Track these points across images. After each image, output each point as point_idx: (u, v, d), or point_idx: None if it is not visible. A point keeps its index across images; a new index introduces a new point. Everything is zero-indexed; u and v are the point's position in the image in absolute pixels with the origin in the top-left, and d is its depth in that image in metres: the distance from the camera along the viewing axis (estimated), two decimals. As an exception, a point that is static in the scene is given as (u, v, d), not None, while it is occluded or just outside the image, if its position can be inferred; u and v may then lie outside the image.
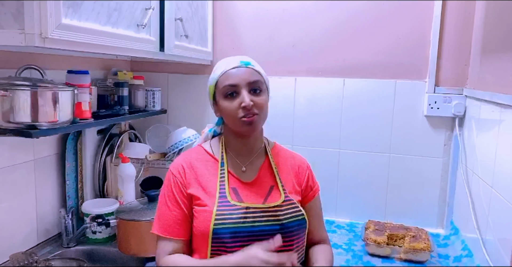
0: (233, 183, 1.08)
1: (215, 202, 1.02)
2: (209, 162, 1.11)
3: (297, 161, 1.19)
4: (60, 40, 0.98)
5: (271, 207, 1.04)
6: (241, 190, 1.07)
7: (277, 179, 1.11)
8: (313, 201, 1.17)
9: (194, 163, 1.10)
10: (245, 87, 1.04)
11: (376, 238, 1.57)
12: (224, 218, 1.00)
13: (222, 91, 1.06)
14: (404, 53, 1.79)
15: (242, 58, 1.10)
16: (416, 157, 1.81)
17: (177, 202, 1.06)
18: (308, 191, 1.16)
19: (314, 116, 1.91)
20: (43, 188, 1.57)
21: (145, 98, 1.88)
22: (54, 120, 1.20)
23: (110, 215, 1.59)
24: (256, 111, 1.03)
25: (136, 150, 1.85)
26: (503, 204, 1.24)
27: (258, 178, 1.11)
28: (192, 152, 1.16)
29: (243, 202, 1.04)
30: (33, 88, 1.16)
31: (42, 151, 1.55)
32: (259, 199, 1.06)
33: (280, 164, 1.15)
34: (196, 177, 1.08)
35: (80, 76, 1.42)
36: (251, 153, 1.13)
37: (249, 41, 1.96)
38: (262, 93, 1.07)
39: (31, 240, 1.53)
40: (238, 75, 1.05)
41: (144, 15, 1.37)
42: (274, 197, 1.08)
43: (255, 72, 1.07)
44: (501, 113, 1.31)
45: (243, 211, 1.02)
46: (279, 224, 1.03)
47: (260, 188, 1.09)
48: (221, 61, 1.11)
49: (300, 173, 1.17)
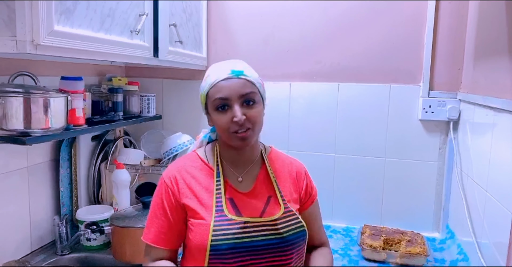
0: (229, 193, 1.04)
1: (212, 216, 0.99)
2: (203, 170, 1.07)
3: (295, 166, 1.15)
4: (52, 47, 0.97)
5: (271, 220, 1.01)
6: (238, 201, 1.03)
7: (275, 188, 1.07)
8: (311, 207, 1.15)
9: (188, 171, 1.06)
10: (237, 101, 0.98)
11: (372, 243, 1.57)
12: (222, 233, 0.97)
13: (213, 104, 1.01)
14: (398, 57, 1.80)
15: (234, 66, 1.03)
16: (411, 161, 1.81)
17: (165, 211, 1.03)
18: (307, 197, 1.13)
19: (309, 121, 1.91)
20: (37, 195, 1.56)
21: (140, 104, 1.87)
22: (47, 127, 1.20)
23: (104, 222, 1.57)
24: (249, 125, 0.99)
25: (130, 156, 1.85)
26: (497, 207, 1.24)
27: (255, 187, 1.07)
28: (186, 159, 1.11)
29: (241, 215, 1.00)
30: (26, 95, 1.15)
31: (36, 157, 1.54)
32: (257, 210, 1.03)
33: (278, 172, 1.11)
34: (190, 187, 1.04)
35: (73, 83, 1.42)
36: (247, 163, 1.09)
37: (244, 46, 1.96)
38: (255, 105, 1.01)
39: (24, 247, 1.51)
40: (229, 87, 0.99)
41: (138, 21, 1.37)
42: (273, 208, 1.04)
43: (247, 83, 1.01)
44: (495, 117, 1.32)
45: (241, 225, 0.98)
46: (280, 238, 0.99)
47: (258, 198, 1.05)
48: (212, 69, 1.06)
49: (298, 179, 1.13)
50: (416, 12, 1.75)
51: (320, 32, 1.87)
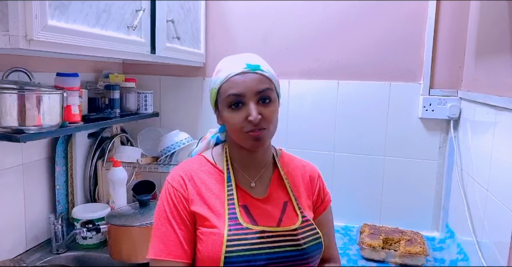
0: (243, 199, 0.96)
1: (225, 224, 0.90)
2: (213, 174, 0.98)
3: (308, 170, 1.07)
4: (46, 42, 0.95)
5: (289, 230, 0.93)
6: (252, 208, 0.95)
7: (290, 194, 1.00)
8: (324, 215, 1.06)
9: (196, 175, 0.97)
10: (252, 98, 0.90)
11: (371, 242, 1.55)
12: (237, 244, 0.88)
13: (226, 100, 0.92)
14: (398, 55, 1.78)
15: (249, 59, 0.95)
16: (411, 159, 1.80)
17: (183, 219, 0.92)
18: (318, 203, 1.06)
19: (308, 119, 1.89)
20: (32, 193, 1.53)
21: (137, 101, 1.85)
22: (42, 124, 1.18)
23: (101, 220, 1.55)
24: (264, 125, 0.92)
25: (127, 153, 1.83)
26: (498, 207, 1.23)
27: (270, 193, 0.99)
28: (193, 162, 1.01)
29: (257, 224, 0.92)
30: (20, 92, 1.13)
31: (31, 155, 1.52)
32: (274, 219, 0.95)
33: (291, 176, 1.04)
34: (200, 192, 0.94)
35: (69, 79, 1.39)
36: (259, 166, 1.01)
37: (242, 43, 1.94)
38: (271, 103, 0.94)
39: (19, 246, 1.49)
40: (245, 83, 0.91)
41: (135, 16, 1.34)
42: (290, 216, 0.96)
43: (264, 78, 0.93)
44: (496, 115, 1.30)
45: (258, 235, 0.90)
46: (300, 250, 0.92)
47: (273, 205, 0.97)
48: (224, 62, 0.98)
49: (312, 184, 1.06)
50: (417, 9, 1.73)
51: (320, 29, 1.85)
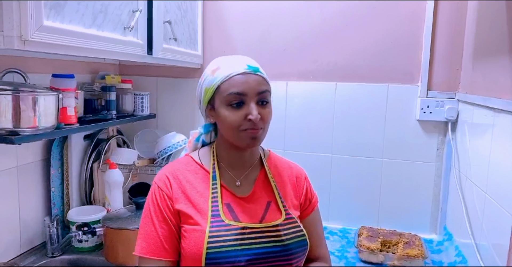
0: (226, 198, 0.98)
1: (208, 221, 0.92)
2: (198, 174, 1.01)
3: (295, 171, 1.10)
4: (42, 42, 0.94)
5: (271, 226, 0.95)
6: (235, 206, 0.97)
7: (275, 193, 1.02)
8: (312, 215, 1.08)
9: (182, 174, 1.00)
10: (253, 98, 0.94)
11: (370, 245, 1.55)
12: (219, 240, 0.90)
13: (226, 99, 0.94)
14: (396, 57, 1.78)
15: (249, 61, 0.98)
16: (409, 161, 1.79)
17: (164, 218, 0.95)
18: (306, 204, 1.08)
19: (306, 121, 1.89)
20: (27, 196, 1.52)
21: (133, 103, 1.84)
22: (37, 126, 1.16)
23: (96, 223, 1.54)
24: (261, 125, 0.95)
25: (124, 155, 1.81)
26: (497, 209, 1.22)
27: (254, 192, 1.01)
28: (179, 162, 1.04)
29: (239, 220, 0.95)
30: (15, 93, 1.11)
31: (26, 157, 1.50)
32: (256, 216, 0.97)
33: (277, 176, 1.06)
34: (184, 191, 0.97)
35: (65, 80, 1.37)
36: (246, 166, 1.04)
37: (240, 45, 1.93)
38: (268, 104, 0.98)
39: (13, 249, 1.47)
40: (247, 83, 0.93)
41: (131, 17, 1.33)
42: (273, 214, 0.99)
43: (263, 80, 0.97)
44: (494, 117, 1.30)
45: (240, 231, 0.92)
46: (282, 245, 0.94)
47: (256, 204, 0.99)
48: (223, 61, 0.98)
49: (298, 185, 1.08)
50: (415, 11, 1.73)
51: (317, 31, 1.84)
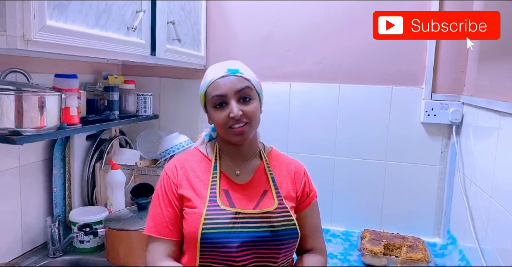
0: (225, 184, 1.07)
1: (205, 205, 1.01)
2: (202, 162, 1.11)
3: (294, 166, 1.16)
4: (44, 42, 0.93)
5: (263, 212, 1.02)
6: (233, 192, 1.06)
7: (271, 183, 1.09)
8: (308, 208, 1.14)
9: (188, 163, 1.10)
10: (233, 97, 1.02)
11: (373, 248, 1.53)
12: (213, 222, 0.99)
13: (211, 101, 1.05)
14: (400, 59, 1.77)
15: (230, 65, 1.07)
16: (413, 164, 1.78)
17: (170, 202, 1.05)
18: (304, 197, 1.13)
19: (309, 122, 1.88)
20: (28, 196, 1.51)
21: (136, 103, 1.84)
22: (40, 126, 1.16)
23: (98, 224, 1.53)
24: (245, 120, 1.02)
25: (126, 156, 1.81)
26: (502, 213, 1.21)
27: (252, 180, 1.09)
28: (187, 153, 1.16)
29: (233, 206, 1.03)
30: (18, 93, 1.11)
31: (28, 157, 1.50)
32: (251, 203, 1.04)
33: (276, 169, 1.13)
34: (188, 178, 1.07)
35: (68, 80, 1.37)
36: (246, 158, 1.12)
37: (243, 46, 1.93)
38: (252, 100, 1.05)
39: (15, 250, 1.47)
40: (225, 85, 1.03)
41: (135, 17, 1.33)
42: (267, 202, 1.05)
43: (242, 79, 1.04)
44: (500, 121, 1.28)
45: (233, 216, 1.00)
46: (271, 231, 1.01)
47: (253, 191, 1.07)
48: (210, 68, 1.10)
49: (297, 179, 1.14)
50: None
51: (321, 32, 1.83)
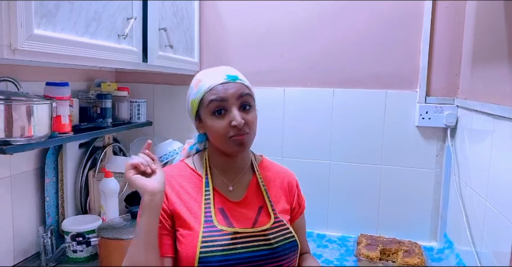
0: (220, 202, 1.01)
1: (201, 226, 0.96)
2: (192, 178, 1.05)
3: (286, 176, 1.14)
4: (32, 51, 0.92)
5: (260, 231, 0.98)
6: (229, 211, 1.01)
7: (266, 198, 1.05)
8: (300, 218, 1.14)
9: (176, 179, 1.04)
10: (235, 103, 0.97)
11: (369, 254, 1.52)
12: (211, 245, 0.94)
13: (209, 108, 0.98)
14: (394, 63, 1.76)
15: (228, 71, 1.02)
16: (408, 168, 1.77)
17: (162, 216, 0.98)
18: (296, 209, 1.12)
19: (303, 127, 1.87)
20: (20, 205, 1.49)
21: (129, 110, 1.82)
22: (30, 135, 1.14)
23: (91, 233, 1.51)
24: (247, 130, 0.97)
25: (120, 163, 1.79)
26: (497, 217, 1.20)
27: (247, 196, 1.04)
28: (174, 167, 1.09)
29: (232, 226, 0.98)
30: (7, 102, 1.10)
31: (19, 166, 1.48)
32: (249, 221, 1.00)
33: (269, 181, 1.10)
34: (179, 195, 1.01)
35: (59, 89, 1.36)
36: (238, 172, 1.07)
37: (237, 51, 1.92)
38: (252, 109, 1.00)
39: (7, 260, 1.45)
40: (227, 90, 0.97)
41: (126, 25, 1.32)
42: (264, 219, 1.02)
43: (244, 86, 1.00)
44: (494, 124, 1.28)
45: (231, 236, 0.95)
46: (270, 249, 0.97)
47: (249, 208, 1.02)
48: (204, 74, 1.03)
49: (290, 190, 1.12)
50: (413, 16, 1.72)
51: (315, 37, 1.83)
